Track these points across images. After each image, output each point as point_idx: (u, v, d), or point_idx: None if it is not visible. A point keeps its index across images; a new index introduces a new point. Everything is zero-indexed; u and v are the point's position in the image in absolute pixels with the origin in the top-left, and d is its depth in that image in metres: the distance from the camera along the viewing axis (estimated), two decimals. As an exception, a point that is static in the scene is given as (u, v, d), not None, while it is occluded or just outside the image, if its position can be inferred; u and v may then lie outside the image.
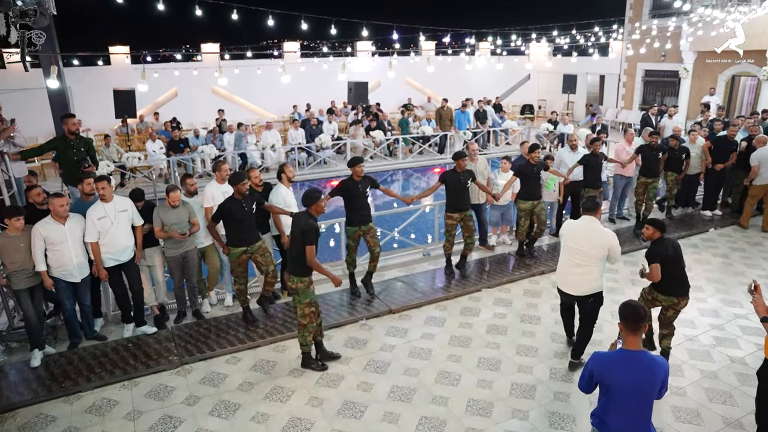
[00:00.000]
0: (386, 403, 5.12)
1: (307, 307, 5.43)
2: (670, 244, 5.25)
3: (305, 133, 16.32)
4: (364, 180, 6.98)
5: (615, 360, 3.36)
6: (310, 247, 5.21)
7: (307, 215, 5.37)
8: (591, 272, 5.26)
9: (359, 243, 7.13)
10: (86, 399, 5.22)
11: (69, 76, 15.98)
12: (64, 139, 6.84)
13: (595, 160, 8.73)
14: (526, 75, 25.77)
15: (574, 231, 5.40)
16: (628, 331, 3.34)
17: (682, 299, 5.34)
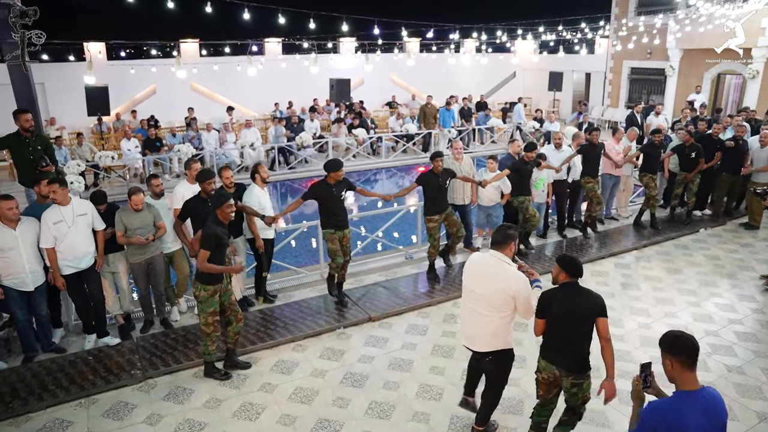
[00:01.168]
0: (364, 420, 4.76)
1: (211, 316, 5.12)
2: (569, 299, 3.79)
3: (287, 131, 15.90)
4: (339, 183, 6.48)
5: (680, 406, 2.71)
6: (203, 251, 4.90)
7: (213, 219, 5.09)
8: (488, 324, 4.03)
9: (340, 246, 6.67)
10: (36, 421, 4.78)
11: (41, 73, 15.48)
12: (18, 137, 6.36)
13: (594, 150, 8.56)
14: (511, 72, 25.57)
15: (473, 267, 4.18)
16: (684, 368, 2.74)
17: (567, 376, 3.88)
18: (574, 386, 3.87)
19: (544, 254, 8.39)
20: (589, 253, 8.38)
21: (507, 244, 4.03)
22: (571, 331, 3.79)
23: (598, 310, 3.75)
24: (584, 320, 3.77)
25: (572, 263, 3.85)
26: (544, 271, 7.68)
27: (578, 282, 3.84)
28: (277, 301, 6.94)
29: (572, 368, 3.85)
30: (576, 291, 3.82)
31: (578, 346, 3.84)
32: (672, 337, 2.83)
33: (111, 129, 16.98)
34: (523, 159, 7.92)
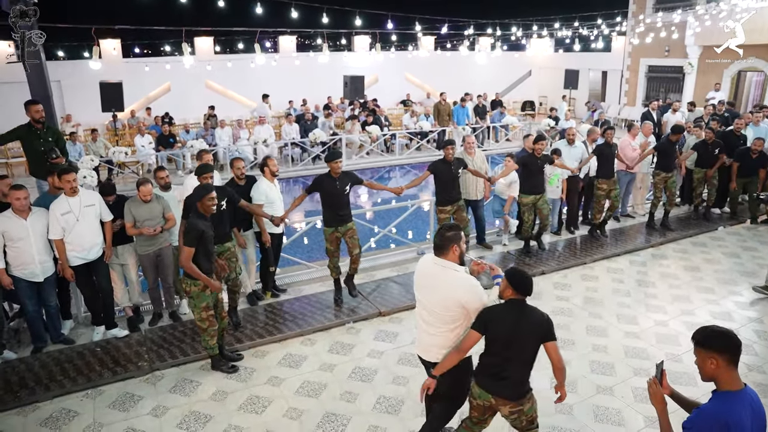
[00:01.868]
0: (371, 415, 4.68)
1: (205, 311, 5.03)
2: (511, 319, 3.35)
3: (300, 129, 15.90)
4: (343, 177, 6.34)
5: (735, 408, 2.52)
6: (187, 248, 4.77)
7: (195, 213, 4.96)
8: (438, 336, 3.67)
9: (340, 246, 6.54)
10: (43, 410, 4.76)
11: (57, 70, 15.63)
12: (30, 128, 6.36)
13: (608, 149, 8.29)
14: (527, 71, 25.34)
15: (418, 275, 3.76)
16: (730, 366, 2.54)
17: (504, 405, 3.46)
18: (513, 413, 3.49)
19: (557, 251, 8.24)
20: (604, 250, 8.21)
21: (449, 248, 3.56)
22: (511, 355, 3.37)
23: (544, 333, 3.35)
24: (527, 344, 3.37)
25: (521, 278, 3.38)
26: (554, 270, 7.57)
27: (525, 300, 3.41)
28: (287, 295, 6.88)
29: (510, 397, 3.45)
30: (521, 310, 3.37)
31: (517, 372, 3.43)
32: (716, 333, 2.59)
33: (125, 126, 17.08)
34: (533, 154, 7.66)
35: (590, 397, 4.86)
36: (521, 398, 3.47)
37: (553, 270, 7.55)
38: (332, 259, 6.50)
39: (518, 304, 3.40)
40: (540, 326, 3.37)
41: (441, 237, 3.60)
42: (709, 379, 2.62)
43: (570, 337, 5.87)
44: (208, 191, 4.95)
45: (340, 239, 6.44)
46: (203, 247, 4.88)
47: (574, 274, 7.50)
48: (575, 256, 8.00)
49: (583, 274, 7.47)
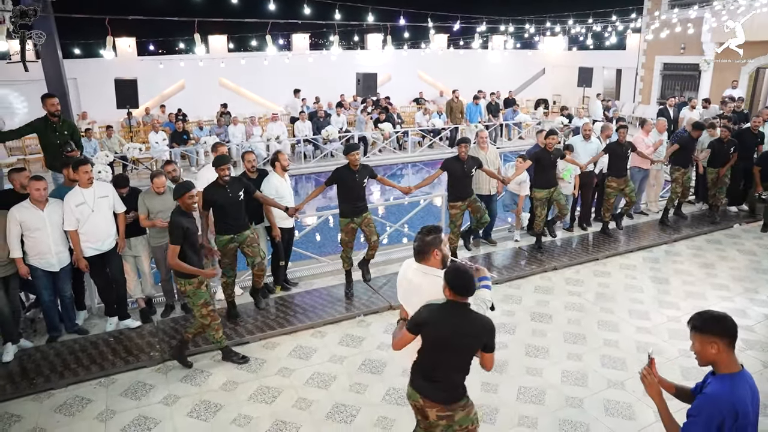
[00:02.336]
0: (381, 406, 4.68)
1: (204, 308, 5.05)
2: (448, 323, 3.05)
3: (312, 126, 15.96)
4: (362, 169, 6.43)
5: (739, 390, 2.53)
6: (172, 246, 4.78)
7: (178, 211, 4.94)
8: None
9: (355, 237, 6.64)
10: (58, 397, 4.83)
11: (74, 68, 15.82)
12: (46, 121, 6.46)
13: (620, 148, 8.20)
14: (540, 69, 25.21)
15: (400, 281, 3.56)
16: (730, 349, 2.56)
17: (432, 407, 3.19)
18: (442, 419, 3.18)
19: (570, 247, 8.19)
20: (617, 246, 8.15)
21: (429, 253, 3.34)
22: (443, 359, 3.14)
23: (484, 343, 3.09)
24: (462, 350, 3.13)
25: (456, 277, 3.05)
26: (566, 265, 7.53)
27: (467, 304, 3.11)
28: (298, 288, 6.91)
29: (438, 400, 3.18)
30: (460, 315, 3.07)
31: (449, 377, 3.18)
32: (715, 318, 2.59)
33: (140, 123, 17.23)
34: (545, 148, 7.65)
35: (601, 391, 4.83)
36: (452, 403, 3.18)
37: (565, 266, 7.51)
38: (346, 250, 6.59)
39: (458, 307, 3.09)
40: (480, 336, 3.09)
41: (421, 242, 3.37)
42: (709, 363, 2.63)
43: (581, 331, 5.84)
44: (188, 189, 4.94)
45: (355, 230, 6.53)
46: (189, 242, 4.90)
47: (586, 270, 7.45)
48: (588, 252, 7.95)
49: (596, 270, 7.43)
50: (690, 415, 2.59)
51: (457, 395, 3.21)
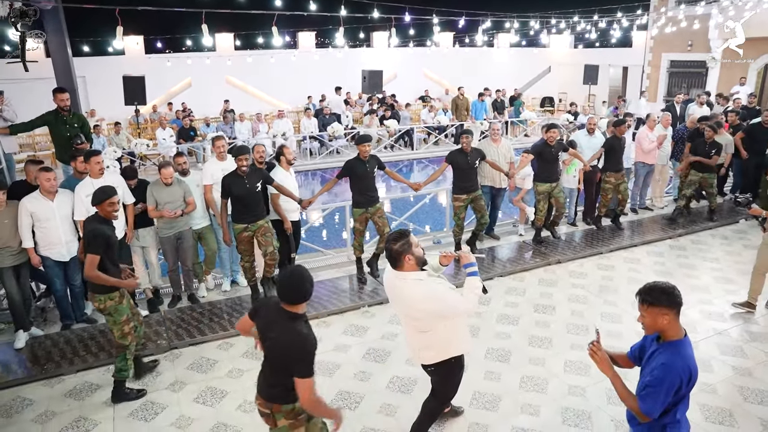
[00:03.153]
0: (385, 393, 4.74)
1: (126, 325, 4.57)
2: (270, 324, 2.98)
3: (318, 123, 16.05)
4: (371, 159, 6.58)
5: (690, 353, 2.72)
6: (90, 256, 4.29)
7: (97, 219, 4.50)
8: (419, 341, 3.60)
9: (366, 226, 6.74)
10: (67, 382, 4.92)
11: (82, 66, 15.96)
12: (57, 114, 6.58)
13: (618, 143, 8.21)
14: (546, 67, 25.20)
15: (385, 288, 3.63)
16: (677, 317, 2.72)
17: (258, 396, 3.13)
18: (264, 414, 3.11)
19: (574, 241, 8.22)
20: (621, 240, 8.18)
21: (402, 260, 3.34)
22: (266, 353, 3.10)
23: (290, 364, 2.86)
24: (275, 358, 3.02)
25: (282, 283, 2.97)
26: (570, 259, 7.56)
27: (297, 312, 2.94)
28: (304, 280, 6.96)
29: (261, 392, 3.11)
30: (282, 322, 2.93)
31: (270, 373, 3.08)
32: (665, 290, 2.70)
33: (147, 120, 17.37)
34: (546, 142, 7.67)
35: (603, 381, 4.82)
36: (271, 401, 3.04)
37: (569, 259, 7.54)
38: (359, 238, 6.73)
39: (283, 314, 2.94)
40: (286, 353, 2.89)
41: (390, 251, 3.37)
42: (657, 332, 2.78)
43: (584, 323, 5.87)
44: (108, 195, 4.45)
45: (368, 219, 6.63)
46: (109, 253, 4.43)
47: (590, 263, 7.48)
48: (591, 246, 7.98)
49: (599, 264, 7.45)
50: (648, 386, 2.70)
51: (277, 395, 3.02)
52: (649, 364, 2.82)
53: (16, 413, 4.57)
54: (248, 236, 6.04)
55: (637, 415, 2.77)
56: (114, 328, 4.57)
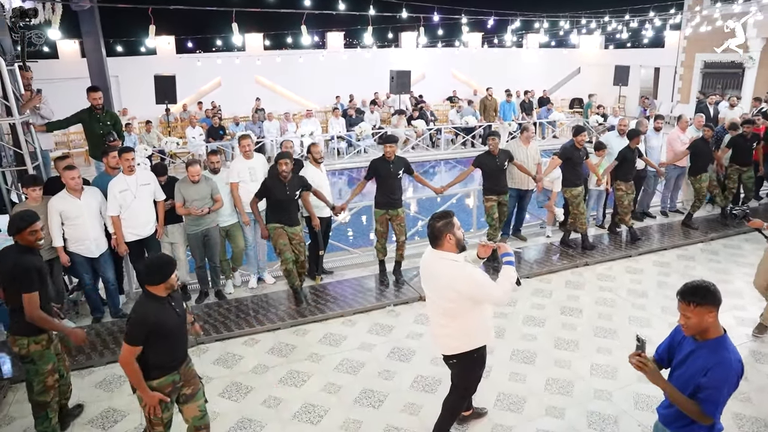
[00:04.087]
0: (409, 393, 4.73)
1: (50, 376, 3.92)
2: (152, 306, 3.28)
3: (345, 123, 16.12)
4: (397, 161, 6.53)
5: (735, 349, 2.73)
6: (28, 296, 3.65)
7: (18, 249, 3.82)
8: (444, 327, 3.60)
9: (388, 229, 6.71)
10: (98, 374, 5.04)
11: (116, 66, 16.31)
12: (90, 112, 6.75)
13: (631, 154, 7.91)
14: (576, 68, 24.88)
15: (422, 269, 3.69)
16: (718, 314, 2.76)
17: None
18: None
19: (602, 243, 8.09)
20: (651, 244, 8.03)
21: (443, 238, 3.42)
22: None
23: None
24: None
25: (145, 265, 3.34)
26: (598, 261, 7.45)
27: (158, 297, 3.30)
28: (330, 278, 7.02)
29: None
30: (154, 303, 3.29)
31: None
32: (710, 287, 2.68)
33: (178, 119, 17.65)
34: (574, 145, 7.55)
35: (630, 385, 4.78)
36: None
37: (597, 261, 7.44)
38: (380, 240, 6.70)
39: (149, 295, 3.31)
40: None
41: (432, 228, 3.46)
42: (700, 331, 2.73)
43: (612, 326, 5.78)
44: (28, 223, 3.78)
45: (389, 222, 6.61)
46: (43, 290, 3.81)
47: (618, 266, 7.37)
48: (620, 248, 7.85)
49: (628, 267, 7.33)
50: (708, 388, 2.64)
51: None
52: (686, 365, 2.78)
53: (48, 403, 4.68)
54: (284, 233, 6.04)
55: (700, 419, 2.71)
56: (35, 380, 3.88)
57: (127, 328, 3.24)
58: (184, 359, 3.50)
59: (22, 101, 6.25)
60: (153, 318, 3.22)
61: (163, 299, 3.31)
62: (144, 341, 3.20)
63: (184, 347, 3.50)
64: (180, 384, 3.45)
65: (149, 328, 3.20)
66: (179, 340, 3.43)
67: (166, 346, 3.31)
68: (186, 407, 3.55)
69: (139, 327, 3.21)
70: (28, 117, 6.26)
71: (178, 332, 3.41)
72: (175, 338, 3.37)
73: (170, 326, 3.30)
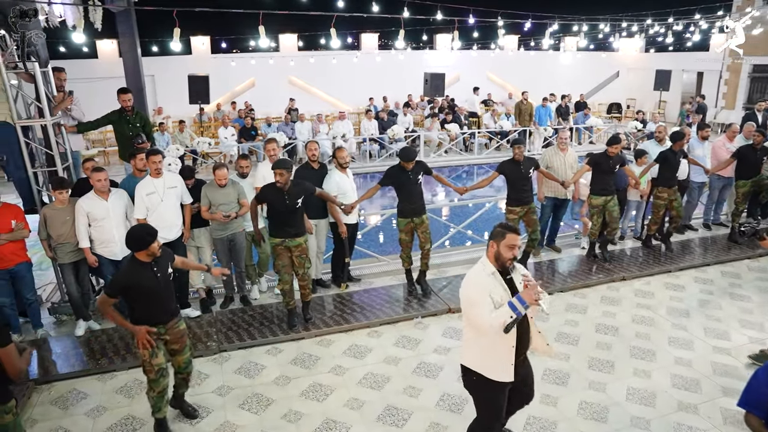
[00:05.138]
0: (434, 411, 4.54)
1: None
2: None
3: (378, 126, 15.99)
4: (415, 167, 6.20)
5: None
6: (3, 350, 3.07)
7: None
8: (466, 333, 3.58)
9: (413, 237, 6.47)
10: (119, 379, 4.99)
11: (151, 66, 16.51)
12: (121, 114, 6.75)
13: (674, 157, 7.58)
14: (614, 72, 24.25)
15: None
16: None
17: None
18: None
19: (639, 256, 7.75)
20: (693, 258, 7.66)
21: (489, 243, 3.39)
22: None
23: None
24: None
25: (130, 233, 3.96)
26: (636, 276, 7.14)
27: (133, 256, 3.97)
28: (356, 286, 6.87)
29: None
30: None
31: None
32: None
33: (211, 119, 17.78)
34: (606, 154, 7.24)
35: (670, 414, 4.50)
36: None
37: (635, 276, 7.12)
38: (405, 249, 6.48)
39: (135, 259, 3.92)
40: None
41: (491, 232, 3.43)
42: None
43: (650, 347, 5.49)
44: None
45: (413, 230, 6.37)
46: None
47: (657, 281, 7.04)
48: (659, 263, 7.51)
49: (668, 283, 7.00)
50: None
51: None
52: None
53: (71, 406, 4.67)
54: (285, 250, 5.61)
55: None
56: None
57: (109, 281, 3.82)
58: (170, 318, 4.10)
59: (54, 102, 6.28)
60: (129, 278, 3.87)
61: (145, 264, 3.90)
62: (121, 295, 3.92)
63: (164, 306, 4.07)
64: (165, 334, 4.09)
65: (123, 285, 3.88)
66: (158, 299, 3.99)
67: (145, 303, 3.95)
68: (175, 359, 4.25)
69: (115, 283, 3.96)
70: (59, 118, 6.29)
71: (157, 292, 3.96)
72: (153, 297, 3.95)
73: (148, 286, 3.89)
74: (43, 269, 7.58)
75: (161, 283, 3.95)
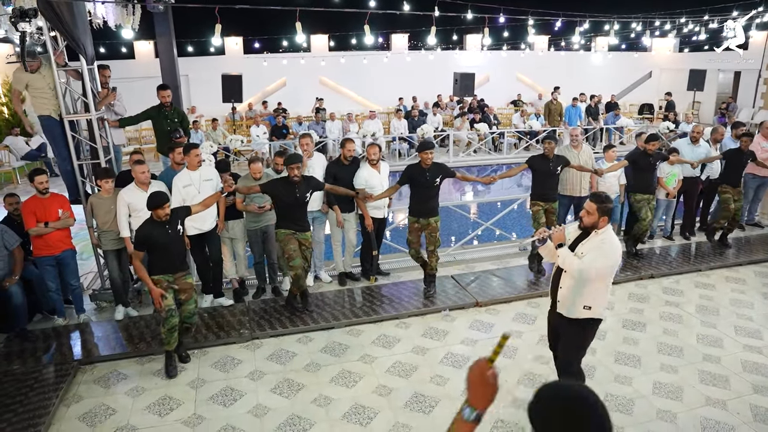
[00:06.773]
0: (460, 400, 4.58)
1: None
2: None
3: (408, 125, 16.12)
4: (434, 168, 6.19)
5: None
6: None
7: None
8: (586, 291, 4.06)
9: (420, 239, 6.39)
10: (156, 362, 5.20)
11: (186, 66, 16.91)
12: (159, 109, 7.00)
13: (739, 158, 7.56)
14: (647, 72, 23.92)
15: None
16: None
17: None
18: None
19: (670, 255, 7.71)
20: (724, 258, 7.58)
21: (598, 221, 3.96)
22: None
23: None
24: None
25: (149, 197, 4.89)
26: (665, 274, 7.11)
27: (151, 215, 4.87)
28: (385, 279, 6.99)
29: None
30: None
31: None
32: None
33: (243, 117, 18.13)
34: (645, 151, 7.23)
35: (697, 408, 4.51)
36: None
37: (663, 274, 7.09)
38: (411, 249, 6.43)
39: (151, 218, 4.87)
40: None
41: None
42: None
43: (678, 344, 5.48)
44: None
45: (421, 231, 6.32)
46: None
47: (686, 280, 7.00)
48: (689, 262, 7.46)
49: (698, 282, 6.95)
50: None
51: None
52: None
53: (113, 385, 4.90)
54: (294, 239, 5.78)
55: None
56: None
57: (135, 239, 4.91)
58: (179, 269, 5.00)
59: (98, 98, 6.55)
60: (146, 233, 4.79)
61: (159, 222, 4.79)
62: (144, 248, 4.86)
63: (176, 258, 4.97)
64: (173, 282, 4.96)
65: (143, 239, 4.80)
66: (169, 251, 4.88)
67: (159, 254, 4.87)
68: (182, 308, 5.04)
69: (138, 238, 4.86)
70: (103, 113, 6.56)
71: (168, 246, 4.86)
72: (165, 249, 4.86)
73: (161, 241, 4.80)
74: (84, 258, 7.88)
75: (171, 238, 4.84)
